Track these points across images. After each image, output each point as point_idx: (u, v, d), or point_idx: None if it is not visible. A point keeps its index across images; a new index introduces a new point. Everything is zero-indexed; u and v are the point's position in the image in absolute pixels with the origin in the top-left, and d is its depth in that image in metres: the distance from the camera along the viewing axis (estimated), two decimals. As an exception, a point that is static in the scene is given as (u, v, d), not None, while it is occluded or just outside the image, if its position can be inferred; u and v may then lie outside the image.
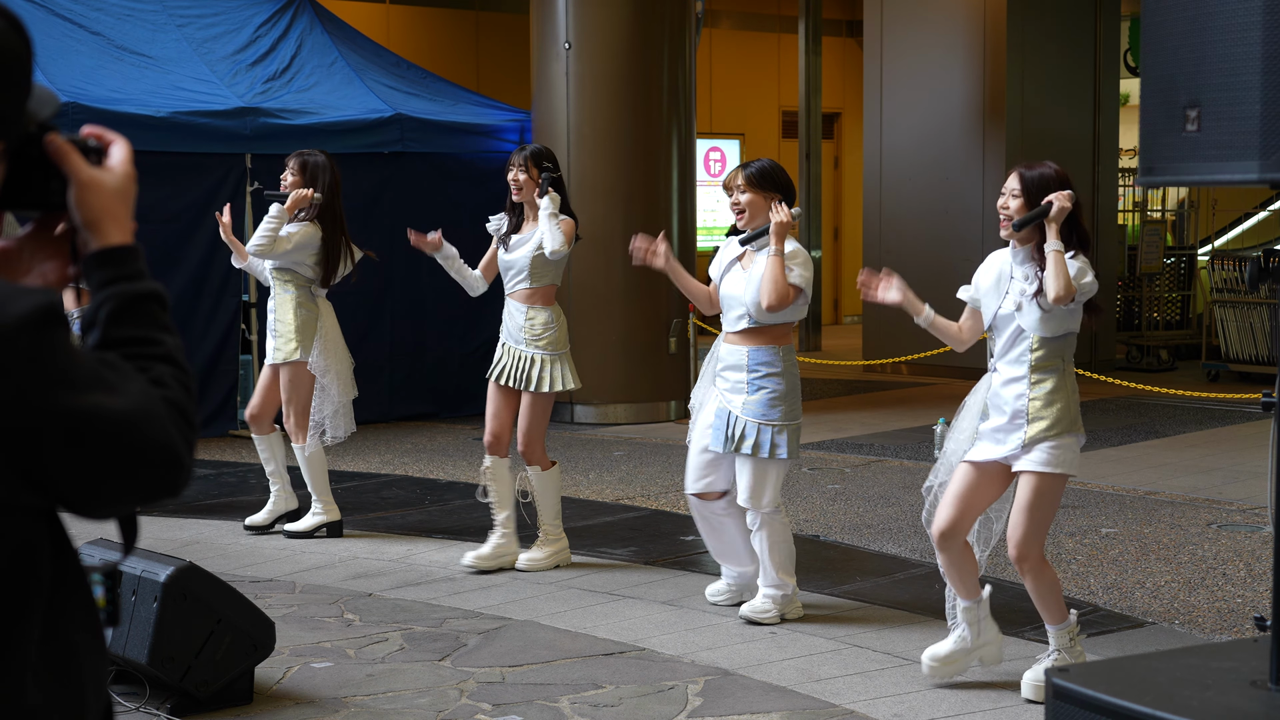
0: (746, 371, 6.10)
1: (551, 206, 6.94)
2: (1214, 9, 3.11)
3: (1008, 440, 5.19)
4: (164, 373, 1.77)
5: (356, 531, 8.11)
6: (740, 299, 6.12)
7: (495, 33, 17.21)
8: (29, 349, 1.62)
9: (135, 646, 5.10)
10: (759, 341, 6.11)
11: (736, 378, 6.13)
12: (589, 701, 5.32)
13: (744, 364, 6.11)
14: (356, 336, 11.82)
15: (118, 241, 1.82)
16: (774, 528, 6.18)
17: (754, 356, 6.10)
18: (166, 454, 1.71)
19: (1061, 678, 3.11)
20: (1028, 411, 5.15)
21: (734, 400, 6.12)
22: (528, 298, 7.11)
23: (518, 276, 7.12)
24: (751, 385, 6.09)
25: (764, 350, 6.10)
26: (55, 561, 1.75)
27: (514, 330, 7.15)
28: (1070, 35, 14.71)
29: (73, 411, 1.64)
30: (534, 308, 7.11)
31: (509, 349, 7.16)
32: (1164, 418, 11.93)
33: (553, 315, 7.15)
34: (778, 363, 6.12)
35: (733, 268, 6.19)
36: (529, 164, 7.00)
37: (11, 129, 1.77)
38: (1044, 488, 5.16)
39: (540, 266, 7.06)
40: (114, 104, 10.38)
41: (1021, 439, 5.15)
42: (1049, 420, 5.13)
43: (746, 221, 6.12)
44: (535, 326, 7.08)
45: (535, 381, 7.08)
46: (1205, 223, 17.61)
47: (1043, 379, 5.16)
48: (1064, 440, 5.15)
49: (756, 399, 6.08)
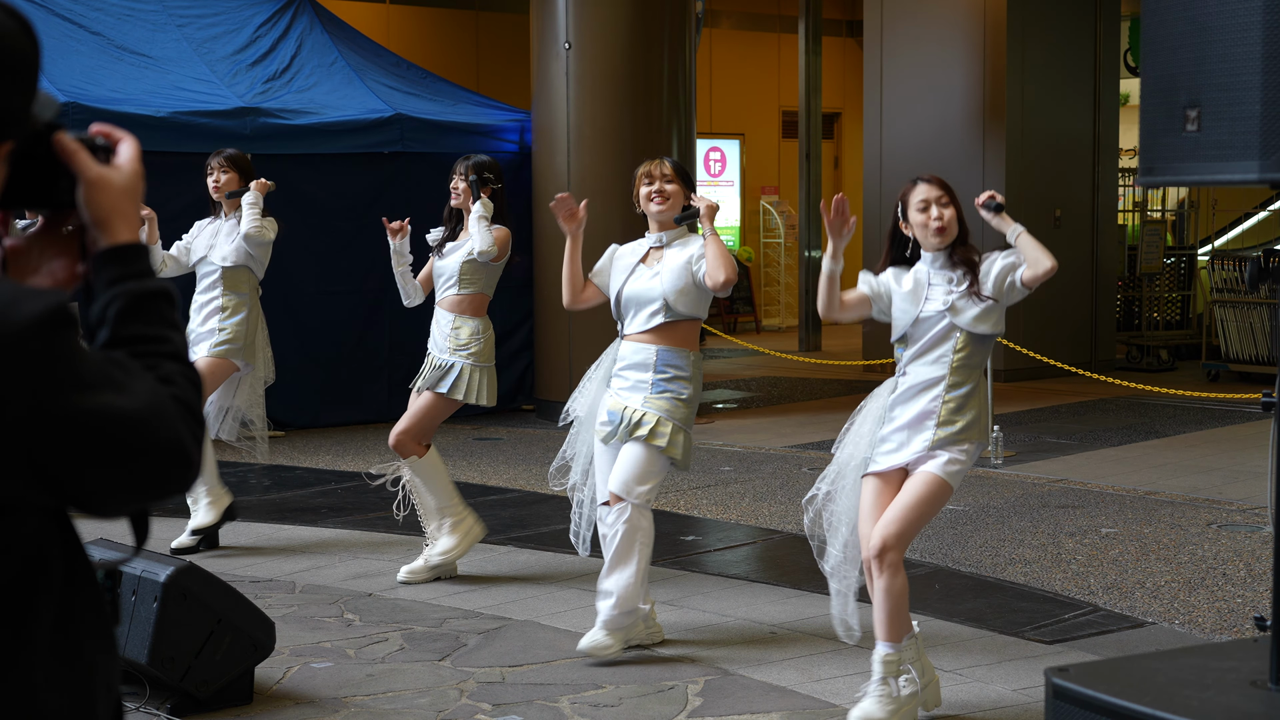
0: (653, 371, 5.84)
1: (483, 210, 6.90)
2: (1214, 9, 3.11)
3: (911, 442, 5.03)
4: (172, 370, 1.77)
5: (356, 531, 8.11)
6: (652, 294, 5.86)
7: (495, 33, 17.21)
8: (39, 350, 1.62)
9: (135, 646, 5.10)
10: (670, 342, 5.86)
11: (639, 377, 5.86)
12: (589, 701, 5.32)
13: (650, 363, 5.85)
14: (356, 336, 11.86)
15: (126, 239, 1.83)
16: (634, 524, 5.73)
17: (663, 357, 5.85)
18: (176, 452, 1.72)
19: (1061, 678, 3.11)
20: (939, 414, 5.00)
21: (632, 398, 5.84)
22: (455, 305, 7.02)
23: (448, 282, 7.05)
24: (656, 385, 5.83)
25: (674, 352, 5.85)
26: (66, 561, 1.76)
27: (439, 339, 7.03)
28: (1070, 35, 14.71)
29: (83, 411, 1.64)
30: (460, 316, 7.00)
31: (431, 358, 7.05)
32: (1164, 418, 11.93)
33: (480, 326, 7.03)
34: (687, 368, 5.87)
35: (635, 270, 5.96)
36: (469, 173, 6.99)
37: (19, 129, 1.77)
38: (938, 493, 4.97)
39: (470, 273, 6.99)
40: (114, 104, 10.39)
41: (928, 440, 4.99)
42: (960, 425, 4.99)
43: (667, 210, 5.96)
44: (461, 335, 6.98)
45: (449, 386, 6.94)
46: (1205, 223, 17.61)
47: (960, 382, 5.02)
48: (968, 450, 5.01)
49: (659, 397, 5.81)
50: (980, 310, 5.04)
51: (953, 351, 5.05)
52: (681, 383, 5.85)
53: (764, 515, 8.48)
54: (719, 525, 8.31)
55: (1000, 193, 5.26)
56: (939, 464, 4.98)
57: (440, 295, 7.11)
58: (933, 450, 4.99)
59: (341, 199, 11.59)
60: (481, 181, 6.97)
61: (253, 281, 7.79)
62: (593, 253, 12.18)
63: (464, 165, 7.04)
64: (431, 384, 7.00)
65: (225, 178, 7.70)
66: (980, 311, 5.04)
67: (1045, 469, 9.75)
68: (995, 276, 5.05)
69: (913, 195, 5.14)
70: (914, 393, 5.07)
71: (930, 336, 5.07)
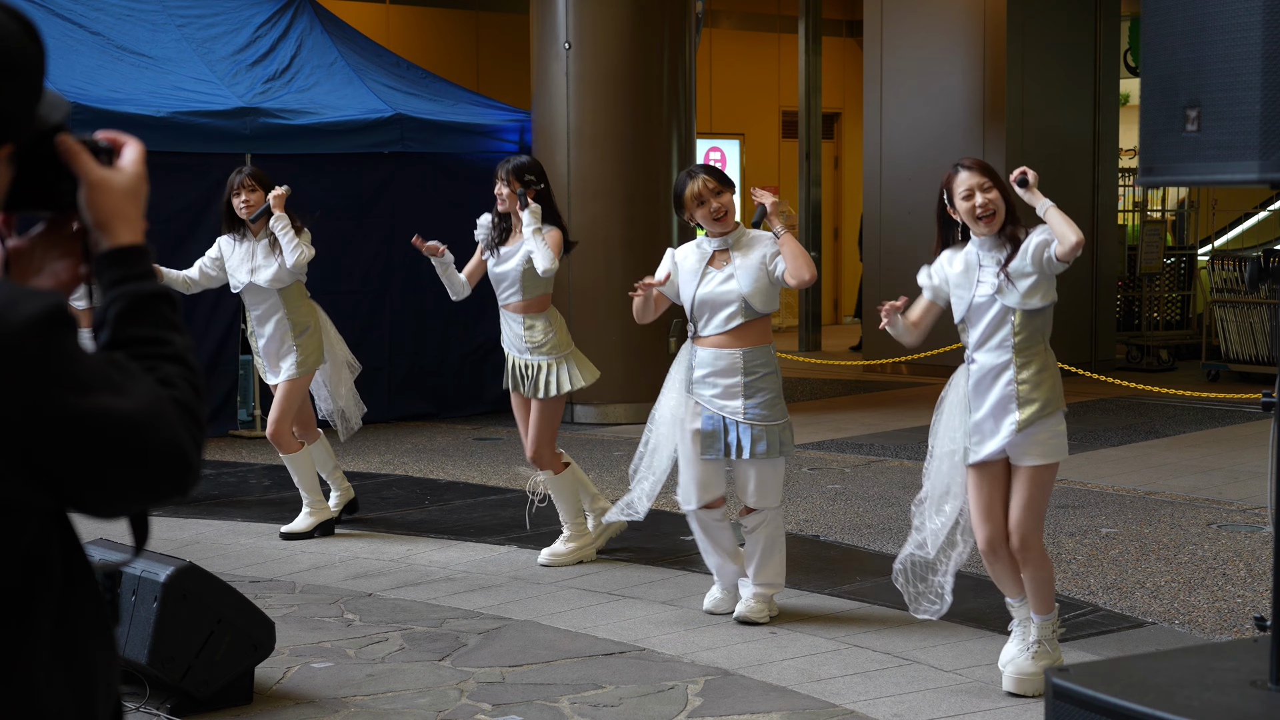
0: (743, 374, 6.05)
1: (534, 222, 6.93)
2: (1214, 9, 3.11)
3: (1000, 428, 5.21)
4: (172, 373, 1.78)
5: (356, 531, 8.11)
6: (730, 296, 6.05)
7: (495, 33, 17.21)
8: (37, 351, 1.62)
9: (135, 646, 5.10)
10: (752, 341, 6.08)
11: (730, 381, 6.06)
12: (589, 701, 5.32)
13: (739, 366, 6.05)
14: (356, 336, 11.84)
15: (128, 241, 1.83)
16: (777, 525, 6.23)
17: (750, 357, 6.06)
18: (175, 454, 1.72)
19: (1061, 678, 3.11)
20: (1017, 395, 5.18)
21: (729, 406, 6.07)
22: (522, 308, 7.14)
23: (510, 289, 7.14)
24: (748, 389, 6.05)
25: (759, 350, 6.09)
26: (65, 562, 1.76)
27: (514, 340, 7.18)
28: (1070, 35, 14.71)
29: (81, 413, 1.64)
30: (529, 316, 7.13)
31: (513, 359, 7.21)
32: (1164, 418, 11.93)
33: (549, 320, 7.16)
34: (772, 361, 6.14)
35: (705, 274, 6.11)
36: (511, 178, 7.01)
37: (22, 132, 1.77)
38: (1044, 478, 5.24)
39: (531, 279, 7.09)
40: (114, 104, 10.39)
41: (1015, 424, 5.17)
42: (1040, 402, 5.20)
43: (726, 222, 6.13)
44: (535, 334, 7.12)
45: (542, 388, 7.11)
46: (1205, 223, 17.61)
47: (1028, 361, 5.21)
48: (1055, 422, 5.23)
49: (756, 402, 6.06)
50: (1028, 285, 5.17)
51: (1012, 334, 5.21)
52: (771, 378, 6.10)
53: (764, 515, 8.48)
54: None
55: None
56: (1035, 453, 5.21)
57: (504, 300, 7.20)
58: (1022, 431, 5.17)
59: (341, 199, 11.58)
60: (525, 185, 6.98)
61: (301, 289, 7.88)
62: (593, 252, 12.09)
63: (504, 170, 7.07)
64: (532, 392, 7.14)
65: (254, 197, 7.69)
66: (1029, 286, 5.17)
67: (1045, 469, 9.73)
68: (1033, 251, 5.17)
69: (956, 184, 5.26)
70: (988, 381, 5.24)
71: (988, 321, 5.23)
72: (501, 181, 7.05)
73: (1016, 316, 5.19)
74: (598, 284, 11.62)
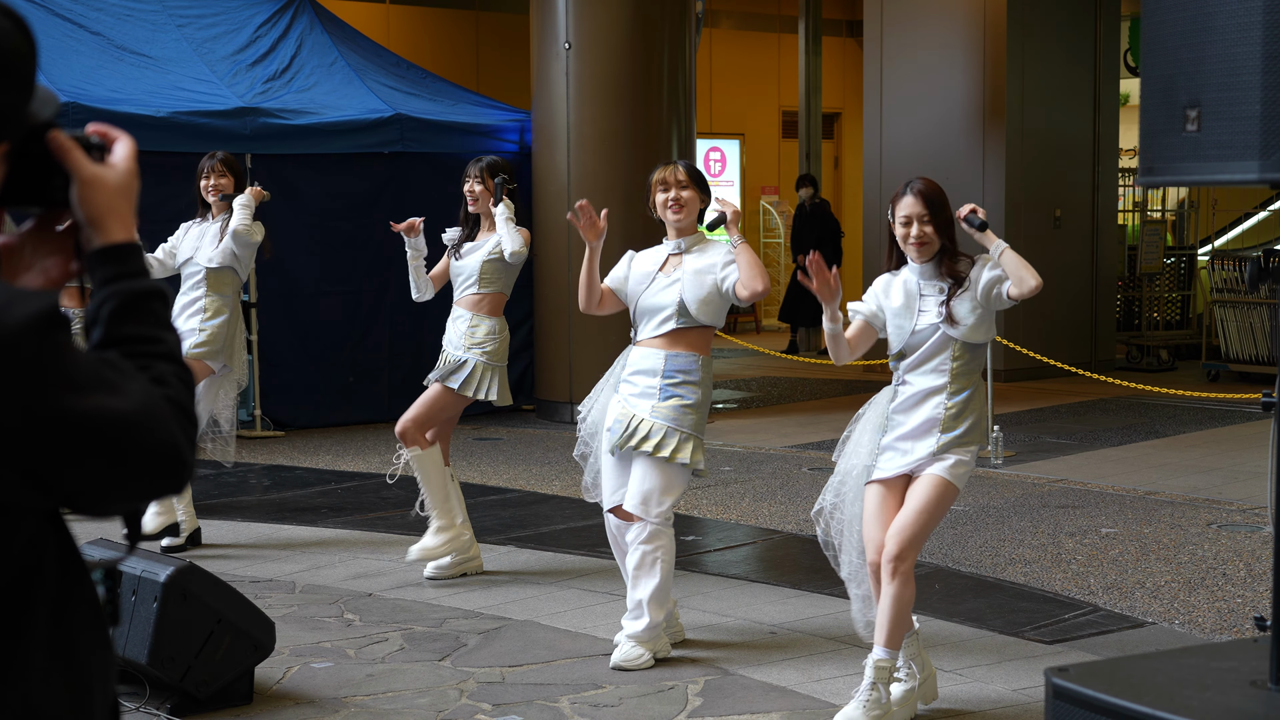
0: (661, 377, 5.75)
1: (508, 212, 6.98)
2: (1214, 9, 3.11)
3: (915, 449, 5.05)
4: (165, 371, 1.78)
5: (356, 531, 8.11)
6: (668, 301, 5.79)
7: (495, 33, 17.21)
8: (32, 353, 1.62)
9: (135, 646, 5.10)
10: (681, 347, 5.78)
11: (647, 383, 5.76)
12: (589, 701, 5.32)
13: (659, 369, 5.77)
14: (356, 336, 11.86)
15: (120, 239, 1.83)
16: (656, 543, 5.70)
17: (671, 362, 5.76)
18: (169, 452, 1.72)
19: (1061, 678, 3.11)
20: (942, 420, 5.04)
21: (640, 405, 5.74)
22: (474, 304, 7.10)
23: (467, 281, 7.12)
24: (664, 391, 5.74)
25: (684, 356, 5.77)
26: (60, 561, 1.76)
27: (455, 337, 7.10)
28: (1070, 35, 14.71)
29: (76, 413, 1.64)
30: (478, 315, 7.08)
31: (445, 354, 7.11)
32: (1164, 418, 11.93)
33: (497, 325, 7.10)
34: (696, 372, 5.76)
35: (654, 279, 5.88)
36: (485, 175, 7.03)
37: (15, 128, 1.77)
38: (944, 496, 5.02)
39: (490, 273, 7.05)
40: (114, 104, 10.39)
41: (933, 446, 5.03)
42: (963, 429, 5.04)
43: (684, 218, 5.90)
44: (477, 334, 7.05)
45: (460, 381, 7.01)
46: (1205, 223, 17.61)
47: (960, 389, 5.07)
48: (970, 452, 5.07)
49: (667, 405, 5.72)
50: (974, 321, 5.06)
51: (951, 360, 5.09)
52: (689, 387, 5.75)
53: (764, 515, 8.48)
54: (719, 525, 8.31)
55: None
56: (944, 466, 5.02)
57: (459, 294, 7.16)
58: (937, 455, 5.03)
59: (341, 199, 11.59)
60: (497, 185, 7.02)
61: (236, 284, 7.80)
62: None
63: (477, 168, 7.08)
64: (442, 377, 7.05)
65: (223, 181, 7.71)
66: (974, 322, 5.06)
67: (1045, 469, 9.74)
68: (984, 285, 5.04)
69: (898, 207, 5.14)
70: (915, 401, 5.11)
71: (927, 347, 5.10)
72: (474, 179, 7.05)
73: (957, 345, 5.08)
74: (598, 284, 11.62)
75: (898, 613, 4.96)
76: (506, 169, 7.13)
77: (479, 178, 7.05)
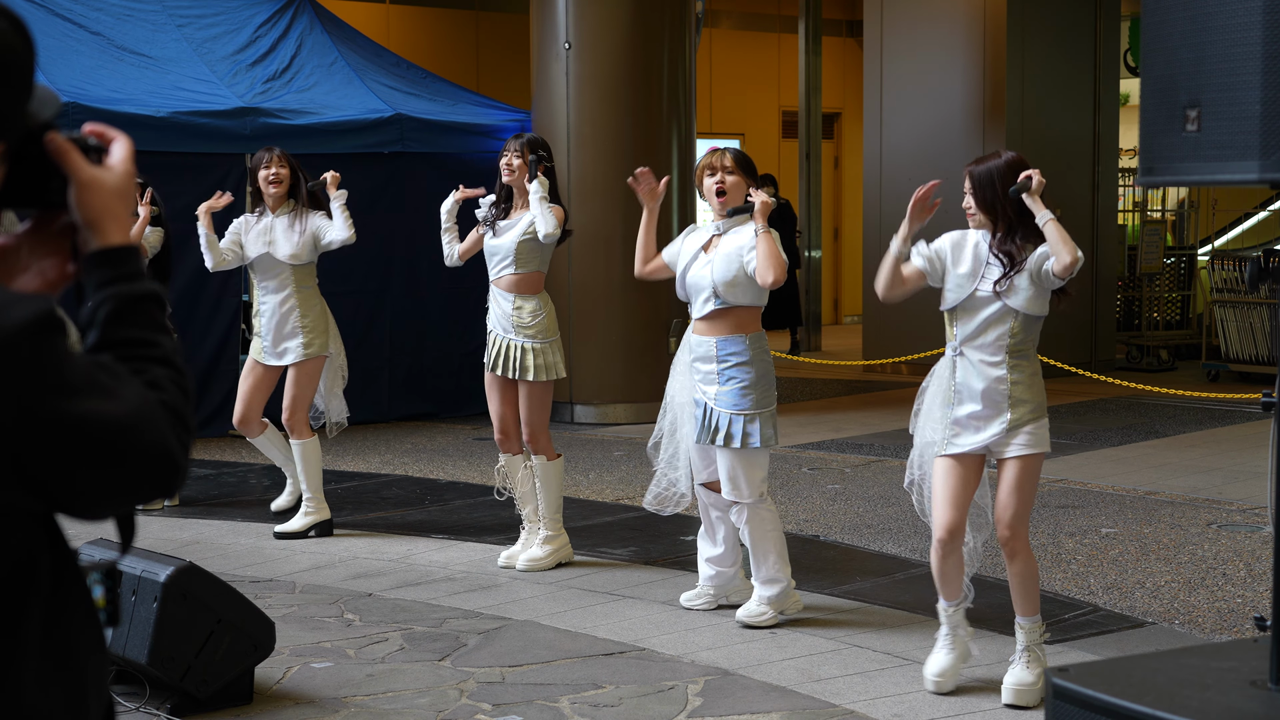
0: (716, 362, 6.09)
1: (542, 190, 6.98)
2: (1214, 9, 3.10)
3: (987, 428, 5.22)
4: (160, 375, 1.77)
5: (356, 531, 8.11)
6: (704, 282, 6.10)
7: (495, 33, 17.21)
8: (29, 357, 1.62)
9: (135, 646, 5.10)
10: (725, 330, 6.09)
11: (707, 369, 6.13)
12: (589, 701, 5.32)
13: (713, 354, 6.11)
14: (356, 336, 11.84)
15: (117, 241, 1.82)
16: (759, 518, 6.12)
17: (722, 346, 6.09)
18: (162, 457, 1.72)
19: (1061, 678, 3.11)
20: (1009, 397, 5.19)
21: (707, 391, 6.12)
22: (513, 285, 7.10)
23: (503, 262, 7.11)
24: (722, 376, 6.08)
25: (731, 339, 6.09)
26: (53, 564, 1.76)
27: (501, 318, 7.13)
28: (1070, 35, 14.71)
29: (71, 417, 1.64)
30: (520, 296, 7.09)
31: (498, 338, 7.15)
32: (1164, 418, 11.93)
33: (540, 303, 7.13)
34: (745, 351, 6.08)
35: (696, 257, 6.19)
36: (524, 150, 7.05)
37: (12, 129, 1.77)
38: (1032, 468, 5.24)
39: (526, 252, 7.06)
40: (114, 104, 10.39)
41: (1004, 425, 5.19)
42: (1032, 404, 5.21)
43: (726, 202, 6.15)
44: (523, 315, 7.08)
45: (532, 371, 7.06)
46: (1205, 223, 17.61)
47: (1019, 364, 5.21)
48: (1042, 421, 5.25)
49: (727, 390, 6.07)
50: (1032, 293, 5.18)
51: (1009, 335, 5.21)
52: (743, 368, 6.08)
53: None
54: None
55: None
56: (1021, 443, 5.20)
57: (496, 274, 7.17)
58: (1010, 432, 5.19)
59: (341, 199, 11.57)
60: (537, 159, 7.02)
61: (314, 275, 7.96)
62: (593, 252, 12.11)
63: (517, 143, 7.10)
64: (517, 374, 7.08)
65: (283, 170, 7.85)
66: (1033, 294, 5.18)
67: (1045, 469, 9.68)
68: (1034, 261, 5.17)
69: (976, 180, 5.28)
70: (978, 376, 5.23)
71: (985, 317, 5.22)
72: (513, 153, 7.06)
73: (1017, 319, 5.19)
74: (597, 284, 11.63)
75: (1025, 583, 5.30)
76: (545, 146, 7.15)
77: (518, 151, 7.06)
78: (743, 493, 6.09)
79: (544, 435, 7.19)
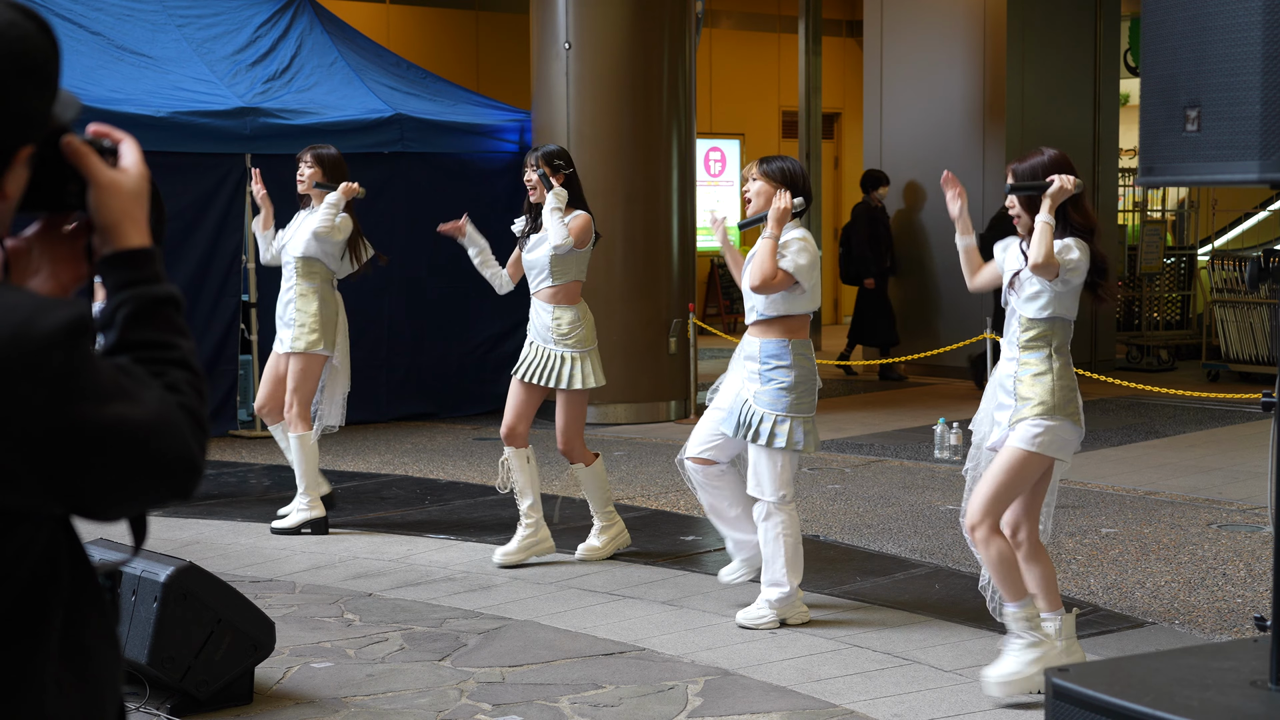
0: (759, 363, 6.21)
1: (555, 202, 7.03)
2: (1214, 9, 3.11)
3: (1003, 419, 5.30)
4: (179, 378, 1.77)
5: (356, 531, 8.11)
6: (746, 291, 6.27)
7: (495, 33, 17.21)
8: (60, 363, 1.62)
9: (135, 646, 5.10)
10: (769, 334, 6.22)
11: (752, 368, 6.25)
12: (589, 701, 5.32)
13: (756, 355, 6.23)
14: (356, 336, 11.82)
15: (137, 244, 1.82)
16: (777, 520, 6.17)
17: (765, 349, 6.21)
18: (183, 460, 1.72)
19: (1061, 678, 3.11)
20: (1015, 393, 5.26)
21: (749, 388, 6.23)
22: (551, 296, 7.19)
23: (540, 276, 7.21)
24: (763, 376, 6.19)
25: (774, 343, 6.20)
26: (72, 567, 1.76)
27: (541, 329, 7.22)
28: (1070, 35, 14.71)
29: (97, 423, 1.64)
30: (559, 307, 7.19)
31: (537, 347, 7.23)
32: (1164, 418, 11.93)
33: (578, 313, 7.24)
34: (786, 355, 6.18)
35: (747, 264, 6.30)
36: (540, 163, 7.11)
37: (39, 132, 1.76)
38: (1015, 462, 5.20)
39: (559, 264, 7.13)
40: (114, 104, 10.38)
41: (1008, 416, 5.27)
42: (1033, 399, 5.21)
43: (753, 210, 6.28)
44: (562, 325, 7.17)
45: (568, 379, 7.14)
46: (1205, 223, 17.61)
47: (1028, 360, 5.26)
48: (1046, 421, 5.19)
49: (766, 390, 6.18)
50: (1030, 292, 5.24)
51: (1020, 331, 5.30)
52: (783, 371, 6.19)
53: (764, 515, 8.48)
54: (719, 525, 8.31)
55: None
56: (1017, 435, 5.22)
57: (535, 288, 7.28)
58: (1013, 425, 5.24)
59: (341, 199, 11.57)
60: (554, 170, 7.07)
61: (325, 274, 8.00)
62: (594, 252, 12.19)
63: (533, 157, 7.20)
64: (553, 383, 7.15)
65: (310, 172, 7.93)
66: (1032, 294, 5.24)
67: (1045, 469, 9.73)
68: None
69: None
70: (1004, 370, 5.35)
71: (1007, 316, 5.37)
72: (531, 168, 7.14)
73: (1023, 317, 5.28)
74: (598, 284, 11.59)
75: (998, 573, 5.24)
76: (562, 155, 7.21)
77: (535, 166, 7.14)
78: (764, 490, 6.17)
79: (579, 441, 7.30)
